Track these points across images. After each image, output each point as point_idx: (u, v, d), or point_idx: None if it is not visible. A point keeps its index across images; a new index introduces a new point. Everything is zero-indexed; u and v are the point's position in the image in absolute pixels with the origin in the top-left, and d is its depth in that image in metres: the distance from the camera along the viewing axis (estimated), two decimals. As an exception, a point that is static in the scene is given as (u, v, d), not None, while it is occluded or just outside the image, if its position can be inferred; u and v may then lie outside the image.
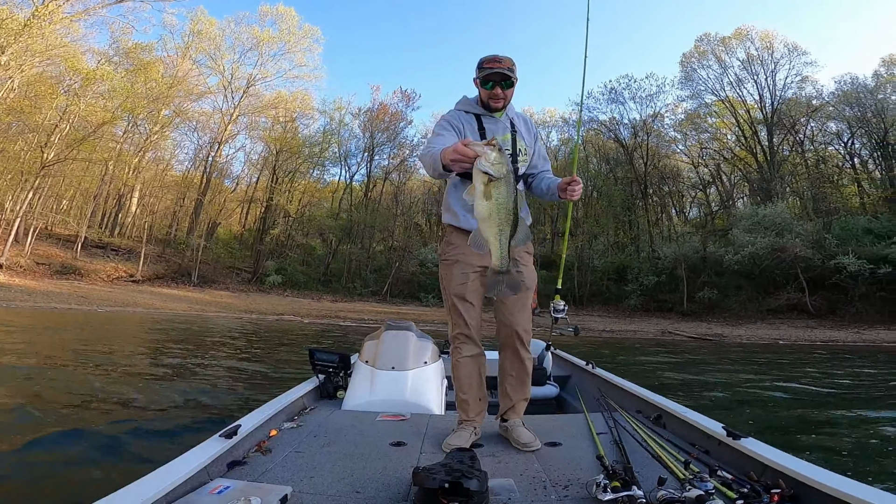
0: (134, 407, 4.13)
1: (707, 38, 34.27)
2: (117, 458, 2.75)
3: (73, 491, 2.43)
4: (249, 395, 4.88)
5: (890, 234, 23.12)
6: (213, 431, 1.82)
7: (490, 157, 1.54)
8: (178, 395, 4.64)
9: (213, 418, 3.78)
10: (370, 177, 38.34)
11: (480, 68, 2.22)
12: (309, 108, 37.17)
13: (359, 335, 14.92)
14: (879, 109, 29.92)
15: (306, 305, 25.44)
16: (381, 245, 36.60)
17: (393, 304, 29.01)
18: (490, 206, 1.57)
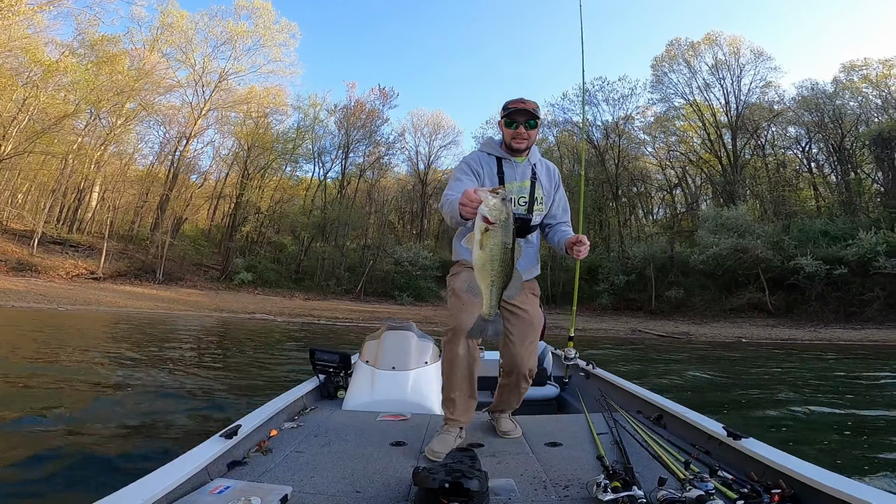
0: (117, 411, 4.00)
1: (678, 42, 35.20)
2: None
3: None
4: (232, 397, 4.77)
5: (845, 237, 24.18)
6: (206, 434, 1.80)
7: (489, 202, 1.55)
8: (158, 396, 4.52)
9: (201, 422, 3.69)
10: (345, 174, 37.86)
11: (505, 108, 2.26)
12: (283, 103, 36.47)
13: (334, 334, 14.79)
14: (837, 115, 31.07)
15: (278, 304, 24.97)
16: (355, 243, 36.23)
17: (367, 303, 28.79)
18: (484, 256, 1.58)
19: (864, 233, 23.06)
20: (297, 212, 36.47)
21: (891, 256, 21.26)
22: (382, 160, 39.54)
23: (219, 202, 38.15)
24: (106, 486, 1.34)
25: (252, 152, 34.50)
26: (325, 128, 38.16)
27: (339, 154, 37.85)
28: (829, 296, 23.22)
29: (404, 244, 35.26)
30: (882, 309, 21.12)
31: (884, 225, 23.63)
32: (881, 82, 30.99)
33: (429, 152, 44.17)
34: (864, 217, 27.05)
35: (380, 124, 38.62)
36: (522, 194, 2.25)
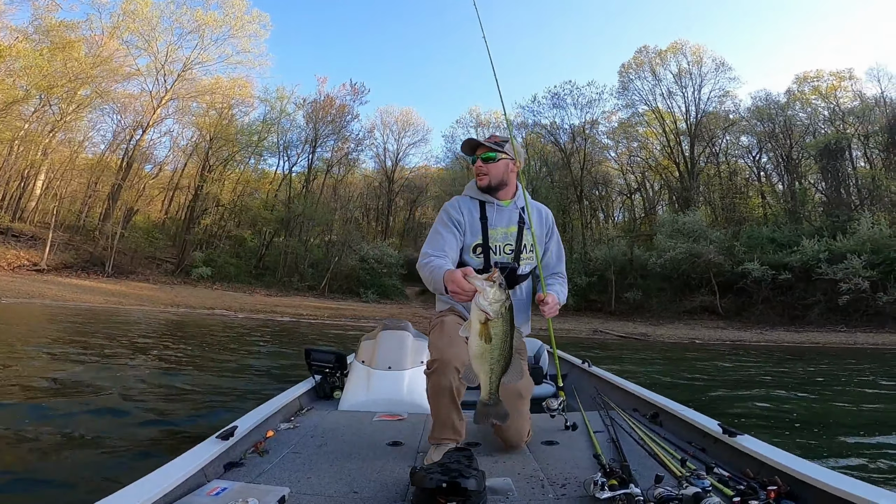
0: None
1: (646, 49, 36.17)
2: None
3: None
4: (202, 399, 4.57)
5: (790, 244, 25.53)
6: (197, 438, 1.77)
7: (488, 294, 1.50)
8: (121, 398, 4.29)
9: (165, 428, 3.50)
10: (311, 169, 37.09)
11: (461, 146, 2.23)
12: (249, 95, 35.32)
13: (300, 331, 14.47)
14: (787, 126, 32.58)
15: (239, 299, 24.19)
16: (319, 239, 35.59)
17: (332, 300, 28.31)
18: (484, 346, 1.54)
19: (808, 240, 24.43)
20: (261, 206, 35.48)
21: (832, 263, 22.63)
22: (350, 156, 38.96)
23: (174, 193, 36.65)
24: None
25: (214, 143, 33.27)
26: (292, 121, 37.35)
27: (306, 148, 37.13)
28: (775, 300, 24.51)
29: (370, 241, 34.90)
30: (823, 313, 22.49)
31: (826, 233, 25.12)
32: (830, 94, 32.67)
33: (397, 149, 44.02)
34: (807, 225, 28.64)
35: (349, 120, 38.13)
36: (508, 241, 2.13)
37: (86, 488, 2.29)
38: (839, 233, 24.39)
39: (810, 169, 32.83)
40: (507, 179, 2.18)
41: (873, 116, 30.81)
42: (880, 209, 27.05)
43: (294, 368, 6.94)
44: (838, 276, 21.96)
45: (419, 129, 44.26)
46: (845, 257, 22.27)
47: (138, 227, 33.32)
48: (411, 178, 44.60)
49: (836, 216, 27.40)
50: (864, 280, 21.28)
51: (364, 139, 39.77)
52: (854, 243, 22.91)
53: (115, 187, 31.35)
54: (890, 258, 21.84)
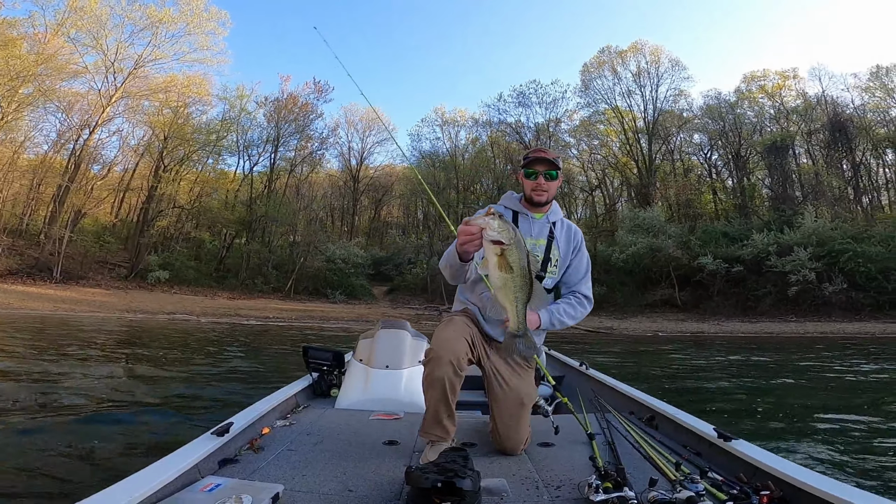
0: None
1: (608, 49, 36.91)
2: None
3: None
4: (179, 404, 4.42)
5: (741, 238, 26.75)
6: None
7: (494, 225, 1.55)
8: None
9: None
10: (273, 168, 36.11)
11: (525, 157, 2.21)
12: (206, 93, 33.91)
13: (270, 335, 14.10)
14: (737, 124, 33.94)
15: (200, 303, 23.34)
16: (282, 240, 34.76)
17: (298, 301, 27.68)
18: (505, 276, 1.59)
19: (758, 234, 25.69)
20: (221, 206, 34.28)
21: (781, 256, 23.92)
22: (315, 155, 38.17)
23: (125, 195, 34.91)
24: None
25: (169, 143, 31.86)
26: (252, 120, 36.17)
27: (268, 148, 36.11)
28: (729, 292, 25.63)
29: (335, 241, 34.34)
30: (774, 304, 23.72)
31: (773, 227, 26.50)
32: (776, 93, 34.38)
33: (362, 148, 43.41)
34: (756, 220, 30.15)
35: (313, 118, 37.28)
36: (536, 252, 2.12)
37: (78, 485, 2.30)
38: (786, 226, 25.71)
39: (757, 166, 34.42)
40: (553, 197, 2.25)
41: (815, 115, 32.61)
42: (823, 204, 28.77)
43: (276, 372, 6.78)
44: (787, 268, 23.22)
45: (384, 128, 43.93)
46: (792, 250, 23.56)
47: (87, 230, 31.55)
48: (376, 177, 44.12)
49: (783, 211, 28.92)
50: (811, 272, 22.59)
51: (328, 138, 39.05)
52: (800, 236, 24.23)
53: (62, 189, 29.52)
54: (834, 250, 23.26)
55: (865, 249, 23.12)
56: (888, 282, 22.00)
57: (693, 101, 36.06)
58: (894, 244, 23.30)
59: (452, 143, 39.54)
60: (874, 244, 23.58)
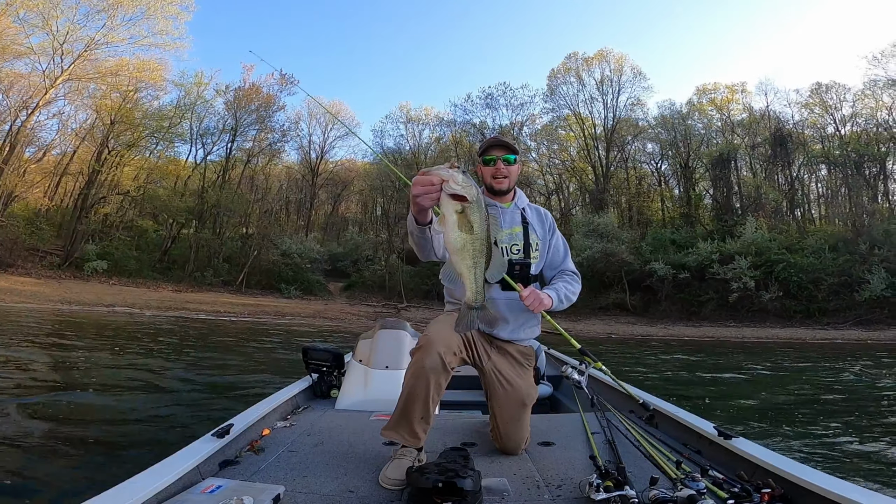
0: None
1: (574, 56, 37.43)
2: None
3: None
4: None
5: (687, 245, 28.11)
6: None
7: (458, 178, 1.37)
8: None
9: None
10: (229, 158, 34.58)
11: (480, 145, 2.21)
12: (160, 78, 32.08)
13: (225, 330, 13.53)
14: (686, 135, 35.36)
15: (142, 295, 22.06)
16: (232, 231, 33.45)
17: (251, 296, 26.70)
18: (465, 237, 1.41)
19: (703, 242, 27.10)
20: (170, 195, 32.56)
21: (723, 264, 25.27)
22: (273, 146, 36.90)
23: (62, 179, 32.56)
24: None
25: (115, 127, 29.95)
26: (209, 108, 34.47)
27: (225, 137, 34.58)
28: (675, 297, 26.83)
29: (291, 235, 33.39)
30: (715, 309, 25.02)
31: (716, 236, 28.02)
32: (724, 106, 36.10)
33: (323, 141, 42.29)
34: (701, 228, 31.80)
35: (275, 110, 35.95)
36: (515, 241, 2.11)
37: (78, 486, 2.32)
38: (727, 236, 27.24)
39: (703, 176, 36.08)
40: (514, 184, 2.20)
41: (758, 128, 34.54)
42: (762, 215, 30.64)
43: (249, 365, 6.47)
44: (728, 275, 24.56)
45: (348, 122, 42.94)
46: (734, 258, 24.94)
47: (18, 215, 29.19)
48: (337, 172, 43.14)
49: (725, 220, 30.62)
50: (751, 279, 24.01)
51: (289, 130, 37.85)
52: (740, 246, 25.69)
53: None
54: (770, 260, 24.83)
55: (798, 260, 24.81)
56: (818, 291, 23.72)
57: (649, 110, 37.35)
58: (824, 256, 25.07)
59: (416, 140, 39.38)
60: (806, 255, 25.31)
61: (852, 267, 23.69)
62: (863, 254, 24.06)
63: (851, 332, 20.21)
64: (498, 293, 2.06)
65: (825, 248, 25.71)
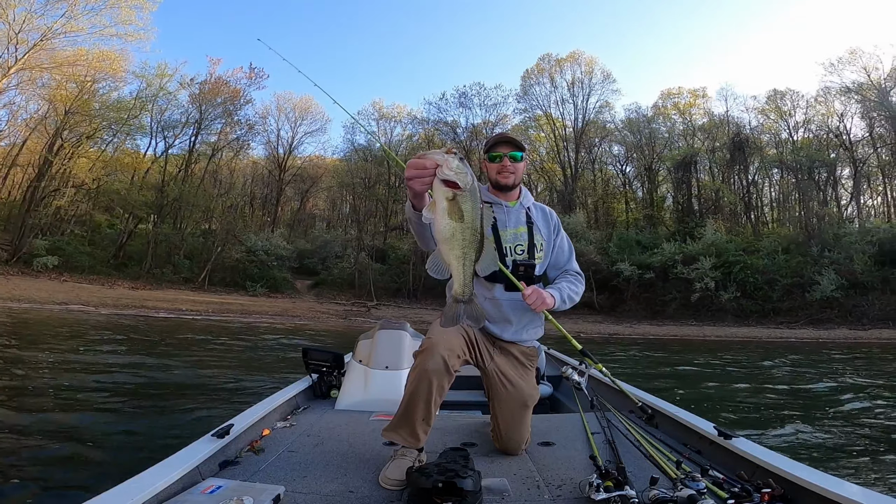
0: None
1: (548, 57, 37.87)
2: None
3: None
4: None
5: (651, 246, 28.87)
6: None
7: (452, 164, 1.31)
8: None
9: None
10: (192, 152, 33.35)
11: (487, 143, 2.19)
12: (120, 69, 30.58)
13: (186, 327, 13.03)
14: (651, 138, 36.33)
15: (97, 293, 20.99)
16: (194, 227, 32.30)
17: (214, 294, 25.80)
18: (454, 225, 1.34)
19: (667, 243, 27.94)
20: (131, 188, 31.12)
21: (686, 265, 26.11)
22: (239, 140, 35.82)
23: (10, 171, 30.68)
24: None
25: (70, 119, 28.41)
26: (172, 100, 33.14)
27: (188, 130, 33.37)
28: (641, 296, 27.52)
29: (257, 232, 32.50)
30: (678, 308, 25.78)
31: (678, 238, 28.92)
32: (686, 111, 37.29)
33: (292, 137, 41.27)
34: (664, 229, 32.76)
35: (241, 104, 34.90)
36: (519, 241, 2.10)
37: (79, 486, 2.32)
38: (688, 237, 28.17)
39: (665, 179, 37.21)
40: (520, 181, 2.19)
41: (718, 133, 35.76)
42: (720, 218, 31.82)
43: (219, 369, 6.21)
44: (692, 275, 25.37)
45: (318, 118, 42.07)
46: (696, 259, 25.80)
47: (-42, 209, 27.39)
48: (304, 167, 42.22)
49: (686, 222, 31.65)
50: (712, 280, 24.90)
51: (256, 124, 36.80)
52: (701, 247, 26.59)
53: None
54: (729, 261, 25.82)
55: (754, 262, 25.90)
56: (772, 291, 24.82)
57: (616, 113, 38.18)
58: (778, 258, 26.25)
59: (387, 137, 38.93)
60: (762, 257, 26.44)
61: (804, 268, 24.86)
62: (814, 256, 25.31)
63: (804, 332, 21.19)
64: (502, 294, 2.06)
65: (779, 251, 26.91)
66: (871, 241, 24.43)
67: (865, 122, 31.57)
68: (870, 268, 23.58)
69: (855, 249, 24.24)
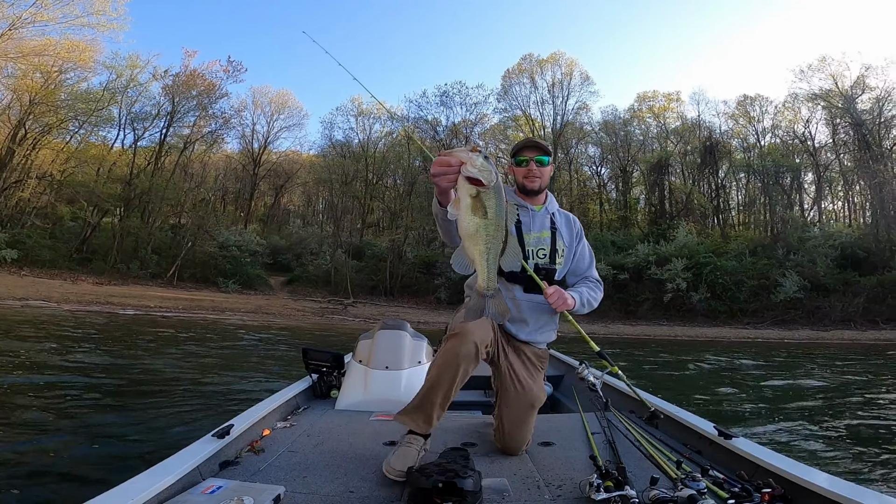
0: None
1: (529, 57, 37.80)
2: None
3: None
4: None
5: (625, 247, 29.42)
6: None
7: (476, 162, 1.33)
8: None
9: None
10: (163, 144, 32.34)
11: (514, 147, 2.22)
12: (89, 59, 29.36)
13: (159, 326, 12.60)
14: (626, 141, 36.86)
15: (59, 288, 20.11)
16: (163, 221, 31.35)
17: (183, 290, 25.07)
18: (478, 221, 1.37)
19: (640, 244, 28.47)
20: (97, 180, 29.95)
21: (659, 266, 26.67)
22: (213, 134, 34.89)
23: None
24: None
25: (35, 108, 27.19)
26: (143, 91, 32.14)
27: (159, 123, 32.39)
28: (615, 297, 27.93)
29: (229, 227, 31.74)
30: (651, 308, 26.30)
31: (651, 239, 29.53)
32: (661, 114, 37.94)
33: (267, 131, 40.44)
34: (637, 231, 33.40)
35: (217, 97, 33.95)
36: (542, 246, 2.13)
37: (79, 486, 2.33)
38: (661, 239, 28.78)
39: (638, 181, 37.91)
40: (546, 185, 2.22)
41: (690, 137, 36.55)
42: (692, 220, 32.60)
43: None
44: (664, 276, 25.94)
45: (295, 113, 41.25)
46: (669, 261, 26.38)
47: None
48: (280, 162, 41.42)
49: (660, 224, 32.33)
50: (683, 281, 25.49)
51: (231, 118, 35.88)
52: (674, 249, 27.20)
53: None
54: (700, 263, 26.47)
55: (723, 263, 26.60)
56: (740, 292, 25.56)
57: (593, 115, 38.52)
58: (745, 260, 27.05)
59: (366, 134, 38.54)
60: (730, 259, 27.18)
61: (770, 270, 25.68)
62: (779, 259, 26.20)
63: (770, 332, 21.89)
64: (521, 294, 2.10)
65: (746, 253, 27.74)
66: (833, 244, 25.42)
67: (829, 128, 32.71)
68: (832, 271, 24.55)
69: (818, 253, 25.19)
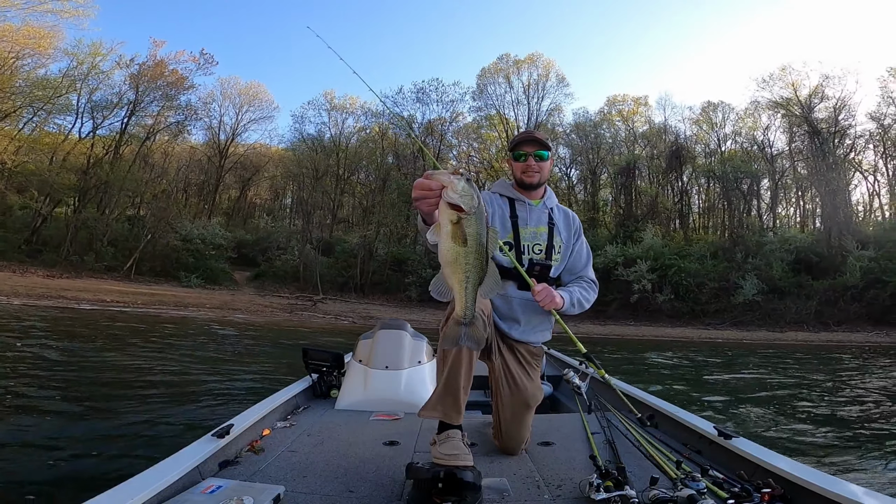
0: None
1: (506, 57, 37.87)
2: None
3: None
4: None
5: (594, 248, 29.64)
6: None
7: (457, 187, 1.28)
8: None
9: None
10: (124, 133, 30.92)
11: (512, 141, 2.18)
12: (48, 46, 27.79)
13: (120, 323, 11.99)
14: (596, 143, 37.48)
15: (7, 281, 18.98)
16: (121, 212, 29.98)
17: (143, 284, 24.07)
18: (458, 249, 1.31)
19: (609, 245, 29.07)
20: (49, 169, 28.32)
21: (626, 267, 27.28)
22: (179, 124, 33.62)
23: None
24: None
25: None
26: (104, 80, 30.66)
27: (120, 112, 31.00)
28: (584, 298, 28.54)
29: (192, 220, 30.61)
30: (618, 309, 26.83)
31: (619, 241, 30.22)
32: (629, 118, 38.72)
33: (236, 123, 39.15)
34: (605, 232, 34.09)
35: (185, 88, 32.84)
36: (538, 241, 2.10)
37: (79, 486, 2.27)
38: (629, 241, 29.47)
39: (605, 183, 38.66)
40: (546, 179, 2.18)
41: (657, 141, 37.41)
42: (657, 223, 33.50)
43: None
44: (631, 277, 26.55)
45: (266, 105, 40.09)
46: (635, 262, 27.03)
47: None
48: (247, 155, 40.17)
49: (627, 226, 33.09)
50: (649, 282, 26.17)
51: (198, 109, 34.65)
52: (641, 250, 27.89)
53: None
54: (665, 265, 27.24)
55: (686, 265, 27.48)
56: (701, 294, 26.46)
57: (564, 117, 39.05)
58: (707, 262, 28.01)
59: (338, 129, 37.91)
60: (692, 261, 28.09)
61: (730, 273, 26.65)
62: (738, 262, 27.22)
63: (729, 332, 22.71)
64: (514, 291, 2.07)
65: (707, 255, 28.73)
66: (788, 249, 26.61)
67: (787, 135, 34.13)
68: (787, 274, 25.69)
69: (774, 257, 26.31)
